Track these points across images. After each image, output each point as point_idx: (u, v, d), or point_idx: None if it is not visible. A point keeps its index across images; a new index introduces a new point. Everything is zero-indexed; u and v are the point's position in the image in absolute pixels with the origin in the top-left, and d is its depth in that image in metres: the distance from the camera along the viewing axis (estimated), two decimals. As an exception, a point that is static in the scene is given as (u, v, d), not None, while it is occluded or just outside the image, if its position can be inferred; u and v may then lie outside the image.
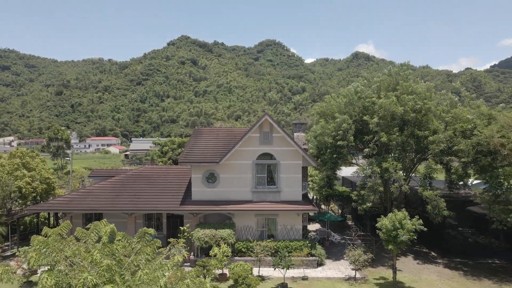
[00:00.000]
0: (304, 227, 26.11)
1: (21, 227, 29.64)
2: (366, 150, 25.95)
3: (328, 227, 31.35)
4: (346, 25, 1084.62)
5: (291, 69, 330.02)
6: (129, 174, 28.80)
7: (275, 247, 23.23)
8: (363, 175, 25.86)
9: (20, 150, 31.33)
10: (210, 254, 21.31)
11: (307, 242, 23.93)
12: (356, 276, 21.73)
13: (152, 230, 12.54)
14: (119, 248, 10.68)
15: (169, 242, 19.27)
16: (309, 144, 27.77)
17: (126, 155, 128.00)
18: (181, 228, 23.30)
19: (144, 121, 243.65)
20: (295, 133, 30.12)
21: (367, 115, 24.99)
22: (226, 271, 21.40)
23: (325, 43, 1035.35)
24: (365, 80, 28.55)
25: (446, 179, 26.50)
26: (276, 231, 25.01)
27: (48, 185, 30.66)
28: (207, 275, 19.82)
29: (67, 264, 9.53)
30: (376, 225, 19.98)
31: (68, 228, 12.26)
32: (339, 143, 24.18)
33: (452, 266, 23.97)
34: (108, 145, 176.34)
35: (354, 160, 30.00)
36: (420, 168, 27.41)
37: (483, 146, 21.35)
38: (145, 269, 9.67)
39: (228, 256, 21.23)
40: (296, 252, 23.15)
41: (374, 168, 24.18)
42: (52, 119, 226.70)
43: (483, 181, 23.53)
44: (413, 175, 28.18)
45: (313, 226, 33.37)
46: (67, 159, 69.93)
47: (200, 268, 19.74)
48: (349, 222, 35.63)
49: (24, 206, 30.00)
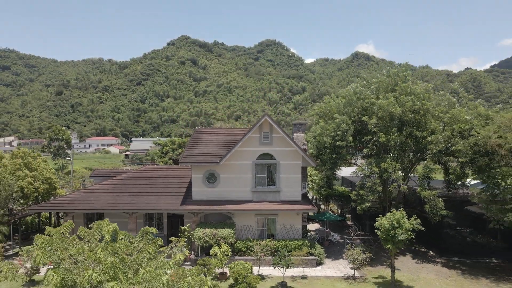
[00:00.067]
0: (304, 227, 26.32)
1: (23, 227, 29.87)
2: (365, 151, 26.16)
3: (328, 227, 31.60)
4: (346, 25, 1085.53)
5: (291, 69, 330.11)
6: (130, 174, 29.03)
7: (275, 247, 23.43)
8: (362, 175, 26.09)
9: (22, 150, 31.58)
10: (211, 253, 21.54)
11: (307, 242, 24.15)
12: (355, 275, 21.96)
13: (154, 229, 12.78)
14: (122, 247, 10.90)
15: (170, 242, 19.53)
16: (309, 145, 27.98)
17: (126, 155, 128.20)
18: (182, 228, 23.59)
19: (144, 121, 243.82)
20: (295, 134, 30.34)
21: (366, 116, 25.19)
22: (227, 270, 21.63)
23: (325, 43, 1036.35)
24: (364, 81, 28.77)
25: (445, 179, 26.74)
26: (276, 231, 25.24)
27: (50, 185, 30.90)
28: (208, 274, 20.04)
29: (72, 262, 9.76)
30: (375, 225, 20.20)
31: (71, 228, 12.52)
32: (338, 144, 24.39)
33: (450, 265, 24.19)
34: (108, 145, 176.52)
35: (354, 160, 30.19)
36: (419, 168, 27.64)
37: (481, 147, 21.57)
38: (148, 267, 9.90)
39: (228, 255, 21.45)
40: (296, 252, 23.35)
41: (373, 168, 24.40)
42: (52, 119, 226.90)
43: (481, 181, 23.77)
44: (412, 175, 28.38)
45: (313, 226, 33.60)
46: (68, 159, 70.16)
47: (201, 267, 19.96)
48: (348, 222, 35.85)
49: (26, 206, 30.22)
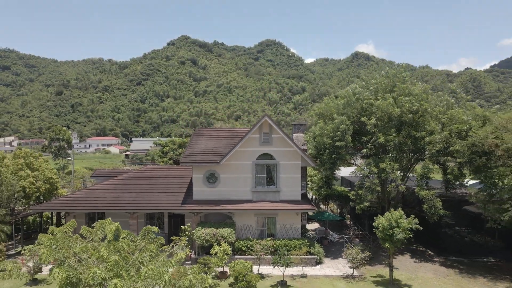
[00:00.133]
0: (303, 226, 26.54)
1: (25, 227, 30.06)
2: (364, 151, 26.37)
3: (327, 226, 31.83)
4: (346, 25, 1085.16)
5: (291, 69, 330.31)
6: (131, 174, 29.25)
7: (275, 246, 23.64)
8: (361, 175, 26.32)
9: (24, 151, 31.82)
10: (211, 253, 21.74)
11: (306, 241, 24.37)
12: (354, 274, 22.17)
13: (156, 228, 13.04)
14: (125, 246, 11.16)
15: (171, 241, 19.79)
16: (308, 145, 28.21)
17: (127, 155, 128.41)
18: (182, 227, 23.85)
19: (144, 121, 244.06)
20: (294, 134, 30.56)
21: (365, 117, 25.43)
22: (227, 269, 21.85)
23: (325, 43, 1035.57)
24: (363, 82, 29.02)
25: (443, 179, 26.98)
26: (276, 230, 25.46)
27: (51, 185, 31.14)
28: (208, 273, 20.26)
29: (76, 260, 10.01)
30: (373, 224, 20.44)
31: (73, 227, 12.77)
32: (338, 144, 24.62)
33: (448, 264, 24.42)
34: (108, 145, 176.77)
35: (353, 160, 30.42)
36: (417, 168, 27.86)
37: (478, 147, 21.79)
38: (150, 265, 10.15)
39: (229, 255, 21.66)
40: (295, 251, 23.56)
41: (372, 169, 24.64)
42: (52, 119, 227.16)
43: (479, 181, 23.98)
44: (411, 175, 28.61)
45: (312, 226, 33.83)
46: (69, 159, 70.39)
47: (202, 266, 20.19)
48: (348, 222, 36.07)
49: (27, 206, 30.47)
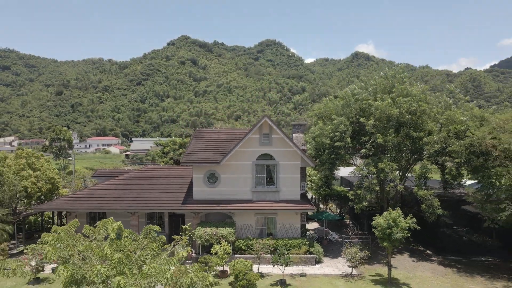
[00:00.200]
0: (303, 226, 26.78)
1: (26, 226, 30.31)
2: (363, 151, 26.62)
3: (326, 226, 32.06)
4: (346, 25, 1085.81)
5: (291, 69, 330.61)
6: (132, 174, 29.49)
7: (274, 245, 23.85)
8: (360, 175, 26.57)
9: (26, 151, 32.03)
10: (211, 252, 21.97)
11: (305, 240, 24.59)
12: (353, 273, 22.40)
13: (157, 227, 13.30)
14: (127, 244, 11.41)
15: (172, 240, 20.04)
16: (308, 145, 28.43)
17: (127, 155, 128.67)
18: (183, 227, 24.10)
19: (144, 121, 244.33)
20: (294, 134, 30.81)
21: (364, 117, 25.67)
22: (227, 268, 22.07)
23: (325, 43, 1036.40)
24: (362, 83, 29.27)
25: (441, 179, 27.23)
26: (275, 230, 25.69)
27: (53, 185, 31.35)
28: (209, 271, 20.49)
29: (80, 258, 10.25)
30: (372, 224, 20.67)
31: (76, 226, 13.02)
32: (337, 144, 24.86)
33: (446, 264, 24.64)
34: (109, 145, 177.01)
35: (352, 161, 30.66)
36: (416, 168, 28.10)
37: (476, 147, 22.01)
38: (152, 263, 10.40)
39: (229, 254, 21.89)
40: (295, 250, 23.74)
41: (371, 169, 24.88)
42: (52, 119, 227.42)
43: (477, 181, 24.20)
44: (409, 175, 28.84)
45: (312, 225, 34.06)
46: (69, 159, 70.64)
47: (202, 265, 20.42)
48: (347, 221, 36.32)
49: (29, 206, 30.71)
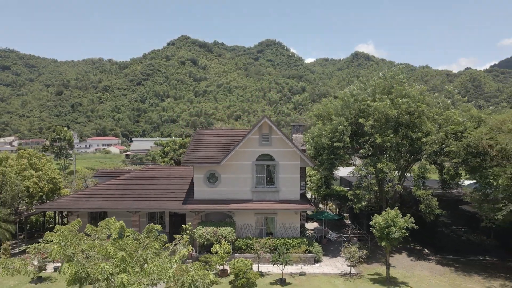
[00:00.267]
0: (302, 225, 27.01)
1: (28, 226, 30.55)
2: (362, 151, 26.86)
3: (326, 226, 32.29)
4: (346, 25, 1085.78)
5: (291, 69, 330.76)
6: (133, 174, 29.71)
7: (274, 244, 24.09)
8: (359, 175, 26.80)
9: (28, 151, 32.27)
10: (212, 251, 22.19)
11: (305, 240, 24.81)
12: (352, 272, 22.64)
13: (159, 226, 13.54)
14: (129, 243, 11.67)
15: (172, 239, 20.25)
16: (307, 145, 28.67)
17: (127, 155, 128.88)
18: (184, 226, 24.33)
19: (144, 121, 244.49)
20: (294, 135, 31.03)
21: (363, 118, 25.90)
22: (227, 267, 22.29)
23: (325, 43, 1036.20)
24: (361, 84, 29.50)
25: (440, 179, 27.45)
26: (275, 229, 25.91)
27: (54, 185, 31.59)
28: (209, 270, 20.72)
29: (84, 257, 10.49)
30: (370, 223, 20.91)
31: (79, 226, 13.27)
32: (336, 145, 25.09)
33: (444, 263, 24.88)
34: (109, 145, 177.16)
35: (351, 161, 30.88)
36: (415, 168, 28.33)
37: (473, 148, 22.23)
38: (154, 261, 10.65)
39: (229, 253, 22.11)
40: (294, 249, 23.96)
41: (369, 169, 25.11)
42: (53, 119, 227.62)
43: (475, 181, 24.44)
44: (408, 175, 29.06)
45: (311, 225, 34.29)
46: (70, 159, 70.87)
47: (203, 264, 20.64)
48: (346, 221, 36.55)
49: (31, 205, 30.95)
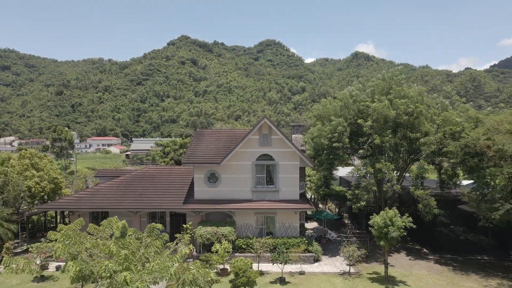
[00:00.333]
0: (302, 225, 27.23)
1: (29, 225, 30.75)
2: (361, 152, 27.09)
3: (325, 225, 32.52)
4: (346, 25, 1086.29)
5: (291, 69, 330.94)
6: (134, 174, 29.94)
7: (274, 244, 24.30)
8: (358, 175, 27.03)
9: (29, 152, 32.49)
10: (212, 250, 22.42)
11: (304, 239, 25.03)
12: (351, 271, 22.85)
13: (160, 226, 13.78)
14: (132, 242, 11.91)
15: (174, 239, 20.49)
16: (307, 146, 28.90)
17: (127, 155, 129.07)
18: (184, 226, 24.56)
19: (144, 121, 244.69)
20: (293, 135, 31.26)
21: (362, 118, 26.12)
22: (227, 267, 22.50)
23: (325, 43, 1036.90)
24: (360, 85, 29.74)
25: (438, 179, 27.69)
26: (275, 229, 26.14)
27: (56, 185, 31.80)
28: (210, 269, 20.94)
29: (88, 255, 10.73)
30: (369, 223, 21.13)
31: (81, 225, 13.51)
32: (335, 145, 25.32)
33: (443, 262, 25.10)
34: (109, 145, 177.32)
35: (351, 161, 31.11)
36: (413, 168, 28.57)
37: (471, 148, 22.47)
38: (156, 260, 10.89)
39: (229, 252, 22.32)
40: (294, 249, 24.22)
41: (368, 169, 25.35)
42: (53, 119, 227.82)
43: (473, 181, 24.67)
44: (407, 175, 29.29)
45: (311, 225, 34.52)
46: (71, 159, 71.11)
47: (203, 263, 20.87)
48: (346, 221, 36.78)
49: (32, 205, 31.18)
